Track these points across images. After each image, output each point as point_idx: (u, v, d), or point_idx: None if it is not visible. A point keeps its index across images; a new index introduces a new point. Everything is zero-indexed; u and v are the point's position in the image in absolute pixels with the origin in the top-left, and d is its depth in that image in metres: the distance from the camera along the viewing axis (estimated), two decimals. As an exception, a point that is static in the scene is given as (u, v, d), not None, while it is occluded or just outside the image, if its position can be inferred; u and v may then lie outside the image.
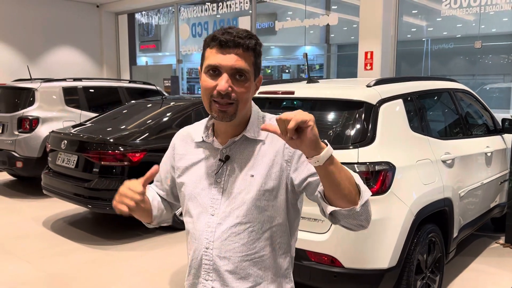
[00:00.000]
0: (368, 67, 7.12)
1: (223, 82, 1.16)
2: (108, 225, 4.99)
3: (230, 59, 1.17)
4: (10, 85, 6.58)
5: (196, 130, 1.35)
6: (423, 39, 10.26)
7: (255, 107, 1.32)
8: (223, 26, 1.29)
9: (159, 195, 1.46)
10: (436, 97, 3.66)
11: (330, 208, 1.10)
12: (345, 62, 15.50)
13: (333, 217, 1.12)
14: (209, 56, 1.19)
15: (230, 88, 1.17)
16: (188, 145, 1.35)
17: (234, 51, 1.17)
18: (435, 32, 10.20)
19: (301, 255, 2.59)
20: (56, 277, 3.68)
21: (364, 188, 1.11)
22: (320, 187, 1.14)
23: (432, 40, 10.32)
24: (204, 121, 1.35)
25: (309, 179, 1.18)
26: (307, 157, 1.03)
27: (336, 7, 10.62)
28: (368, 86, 2.89)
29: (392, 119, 2.82)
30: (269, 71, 21.34)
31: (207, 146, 1.30)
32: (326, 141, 1.05)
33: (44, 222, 5.07)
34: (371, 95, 2.77)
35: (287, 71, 21.50)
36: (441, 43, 10.30)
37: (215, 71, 1.18)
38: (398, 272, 2.62)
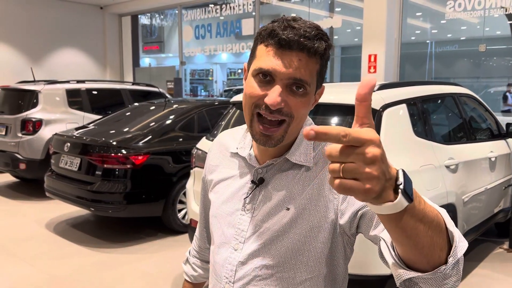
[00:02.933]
0: (372, 70, 7.10)
1: (274, 95, 0.88)
2: (110, 228, 4.99)
3: (289, 65, 0.88)
4: (14, 87, 6.60)
5: (234, 137, 1.11)
6: (427, 41, 10.24)
7: (308, 121, 1.03)
8: (284, 16, 0.96)
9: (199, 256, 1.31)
10: (439, 102, 3.64)
11: (405, 275, 0.71)
12: (348, 65, 15.48)
13: (408, 283, 0.73)
14: (261, 56, 0.91)
15: (283, 104, 0.89)
16: (222, 154, 1.12)
17: (296, 55, 0.88)
18: (439, 35, 10.18)
19: (304, 260, 2.58)
20: (59, 279, 3.68)
21: (458, 235, 0.71)
22: (385, 234, 0.78)
23: (436, 42, 10.30)
24: (242, 128, 1.11)
25: (364, 210, 0.88)
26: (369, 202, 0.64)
27: (340, 9, 10.61)
28: (371, 91, 2.88)
29: (396, 124, 2.80)
30: (273, 72, 21.30)
31: (244, 160, 1.05)
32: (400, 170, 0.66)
33: (47, 224, 5.08)
34: (375, 100, 2.75)
35: (291, 72, 21.48)
36: (445, 45, 10.28)
37: (266, 77, 0.90)
38: (401, 279, 2.60)
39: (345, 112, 2.80)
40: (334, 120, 2.84)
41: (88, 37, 12.18)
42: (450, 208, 2.99)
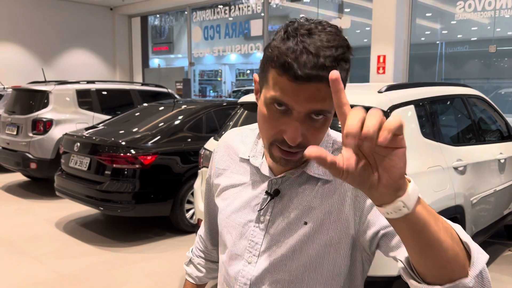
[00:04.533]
0: (381, 71, 7.08)
1: (293, 133, 0.81)
2: (119, 227, 5.04)
3: (308, 99, 0.79)
4: (25, 87, 6.69)
5: (243, 140, 1.05)
6: (437, 42, 10.16)
7: (328, 131, 0.95)
8: (295, 19, 0.81)
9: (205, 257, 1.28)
10: (448, 103, 3.62)
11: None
12: (357, 65, 15.40)
13: None
14: (275, 84, 0.81)
15: (300, 139, 0.82)
16: (230, 158, 1.05)
17: (315, 87, 0.78)
18: (449, 35, 10.10)
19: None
20: (68, 278, 3.73)
21: (474, 247, 0.69)
22: (402, 253, 0.77)
23: (446, 43, 10.22)
24: (253, 131, 1.05)
25: (386, 230, 0.84)
26: (379, 205, 0.63)
27: (349, 10, 10.58)
28: (379, 92, 2.87)
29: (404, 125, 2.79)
30: (281, 73, 21.29)
31: (254, 167, 1.00)
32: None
33: (57, 223, 5.14)
34: (382, 101, 2.76)
35: (299, 73, 21.44)
36: (456, 46, 10.19)
37: (282, 106, 0.82)
38: (408, 280, 2.59)
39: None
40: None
41: (98, 38, 12.30)
42: (458, 210, 2.98)
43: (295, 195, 0.94)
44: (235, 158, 1.04)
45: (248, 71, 22.87)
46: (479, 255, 0.69)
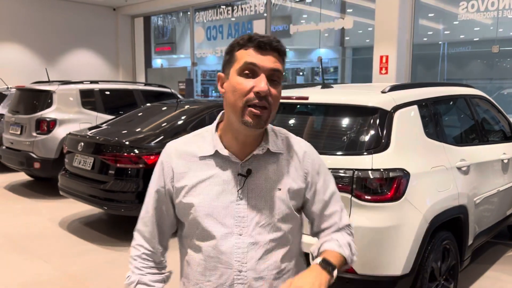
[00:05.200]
0: (384, 71, 7.09)
1: (262, 84, 1.10)
2: (123, 227, 5.06)
3: (269, 61, 1.13)
4: (29, 87, 6.71)
5: (198, 144, 1.23)
6: (440, 43, 10.16)
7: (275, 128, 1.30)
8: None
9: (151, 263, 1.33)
10: (451, 103, 3.62)
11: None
12: (360, 66, 15.40)
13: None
14: (244, 56, 1.13)
15: (268, 90, 1.10)
16: (188, 161, 1.21)
17: (271, 54, 1.14)
18: (452, 36, 10.09)
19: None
20: (73, 277, 3.75)
21: (345, 253, 1.25)
22: (317, 247, 1.27)
23: (448, 43, 10.20)
24: (201, 135, 1.25)
25: (316, 210, 1.28)
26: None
27: (351, 10, 10.58)
28: (382, 92, 2.88)
29: (407, 126, 2.81)
30: (284, 73, 21.35)
31: (219, 160, 1.19)
32: (327, 264, 1.16)
33: (61, 222, 5.16)
34: (386, 101, 2.77)
35: (301, 74, 21.47)
36: (458, 46, 10.17)
37: (249, 73, 1.12)
38: (412, 279, 2.60)
39: (355, 112, 2.80)
40: (345, 120, 2.85)
41: (101, 38, 12.33)
42: (462, 210, 2.98)
43: (263, 170, 1.20)
44: (194, 160, 1.21)
45: (251, 72, 22.87)
46: (346, 252, 1.26)
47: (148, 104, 6.01)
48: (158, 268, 1.31)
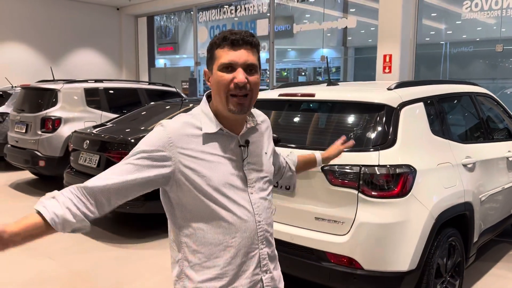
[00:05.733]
0: (387, 70, 7.10)
1: (240, 75, 1.28)
2: (128, 224, 5.08)
3: (243, 55, 1.30)
4: (34, 86, 6.74)
5: (194, 124, 1.34)
6: (442, 43, 10.16)
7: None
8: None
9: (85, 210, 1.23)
10: (456, 101, 3.64)
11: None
12: (362, 65, 15.41)
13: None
14: (221, 55, 1.30)
15: (246, 80, 1.29)
16: (191, 140, 1.31)
17: (244, 48, 1.30)
18: (454, 36, 10.09)
19: (321, 256, 2.61)
20: (79, 274, 3.77)
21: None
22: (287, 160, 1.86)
23: (451, 43, 10.20)
24: (196, 117, 1.36)
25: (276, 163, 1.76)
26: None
27: (354, 10, 10.60)
28: (389, 89, 2.90)
29: (413, 122, 2.82)
30: (285, 73, 21.35)
31: (220, 136, 1.35)
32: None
33: (66, 220, 5.18)
34: (392, 98, 2.78)
35: (303, 73, 21.47)
36: (460, 46, 10.17)
37: (228, 68, 1.29)
38: (418, 275, 2.61)
39: (362, 109, 2.81)
40: (351, 116, 2.87)
41: (104, 38, 12.37)
42: (467, 207, 2.99)
43: (255, 139, 1.45)
44: (196, 139, 1.32)
45: (253, 72, 22.87)
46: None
47: (152, 103, 6.03)
48: (84, 214, 1.23)
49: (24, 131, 6.39)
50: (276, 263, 1.48)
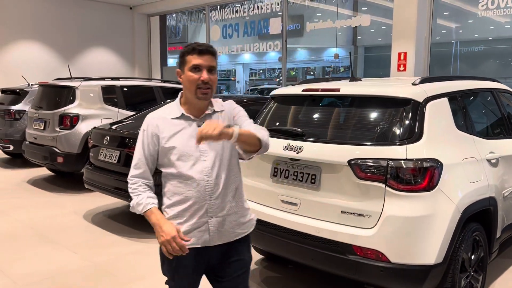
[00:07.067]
0: (402, 68, 7.08)
1: (205, 75, 1.86)
2: (146, 219, 5.12)
3: (207, 60, 1.87)
4: (52, 83, 6.82)
5: (168, 112, 1.94)
6: (452, 41, 10.12)
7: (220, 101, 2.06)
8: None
9: (147, 182, 1.97)
10: (479, 97, 3.64)
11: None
12: (372, 64, 15.38)
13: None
14: (191, 60, 1.86)
15: (209, 78, 1.86)
16: (165, 122, 1.92)
17: (207, 56, 1.88)
18: (465, 34, 10.04)
19: (347, 249, 2.63)
20: (102, 266, 3.82)
21: (261, 135, 1.88)
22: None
23: (462, 42, 10.16)
24: (171, 105, 1.96)
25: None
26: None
27: (366, 8, 10.59)
28: (413, 84, 2.91)
29: (438, 117, 2.83)
30: (294, 73, 21.31)
31: (184, 120, 1.91)
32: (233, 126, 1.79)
33: (85, 215, 5.25)
34: (418, 93, 2.79)
35: (311, 73, 21.42)
36: (471, 45, 10.12)
37: (196, 69, 1.85)
38: (444, 269, 2.63)
39: (387, 103, 2.83)
40: (377, 111, 2.86)
41: (117, 37, 12.46)
42: (492, 202, 3.00)
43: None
44: (168, 121, 1.92)
45: (261, 71, 22.90)
46: (262, 135, 1.87)
47: (169, 100, 6.07)
48: (152, 191, 1.97)
49: (42, 128, 6.47)
50: (225, 211, 1.94)
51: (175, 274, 2.00)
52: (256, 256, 3.92)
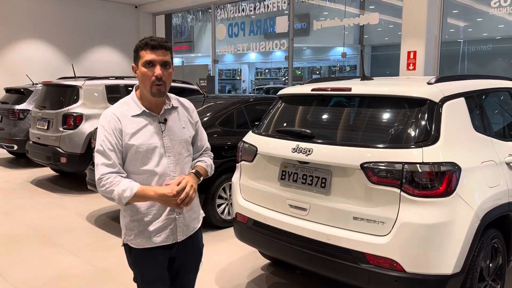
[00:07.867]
0: (411, 67, 6.93)
1: (158, 71, 1.84)
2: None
3: (160, 55, 1.85)
4: (55, 82, 6.74)
5: (128, 109, 1.91)
6: (460, 40, 9.95)
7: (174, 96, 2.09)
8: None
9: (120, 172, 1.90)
10: (496, 96, 3.48)
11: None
12: (379, 63, 15.19)
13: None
14: (144, 55, 1.84)
15: (162, 74, 1.84)
16: (126, 118, 1.88)
17: (161, 51, 1.85)
18: (474, 33, 9.87)
19: (359, 257, 2.50)
20: (104, 271, 3.71)
21: (206, 165, 2.11)
22: (193, 164, 2.10)
23: (470, 41, 9.98)
24: (128, 102, 1.94)
25: (198, 143, 2.15)
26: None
27: (373, 6, 10.43)
28: (429, 83, 2.77)
29: (456, 118, 2.69)
30: (299, 72, 21.14)
31: (145, 116, 1.91)
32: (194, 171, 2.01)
33: (88, 216, 5.16)
34: (434, 93, 2.65)
35: (317, 72, 21.24)
36: (479, 44, 9.94)
37: (149, 64, 1.84)
38: (462, 279, 2.49)
39: (401, 103, 2.69)
40: (390, 111, 2.72)
41: (122, 36, 12.39)
42: (511, 208, 2.85)
43: (173, 118, 1.99)
44: (129, 118, 1.89)
45: (267, 70, 22.77)
46: (211, 166, 2.15)
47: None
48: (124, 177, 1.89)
49: (46, 127, 6.38)
50: (191, 207, 2.04)
51: (149, 277, 2.09)
52: (263, 261, 3.80)
